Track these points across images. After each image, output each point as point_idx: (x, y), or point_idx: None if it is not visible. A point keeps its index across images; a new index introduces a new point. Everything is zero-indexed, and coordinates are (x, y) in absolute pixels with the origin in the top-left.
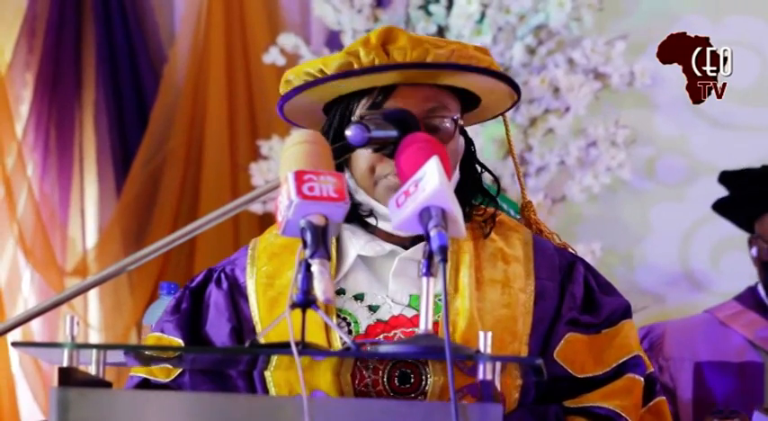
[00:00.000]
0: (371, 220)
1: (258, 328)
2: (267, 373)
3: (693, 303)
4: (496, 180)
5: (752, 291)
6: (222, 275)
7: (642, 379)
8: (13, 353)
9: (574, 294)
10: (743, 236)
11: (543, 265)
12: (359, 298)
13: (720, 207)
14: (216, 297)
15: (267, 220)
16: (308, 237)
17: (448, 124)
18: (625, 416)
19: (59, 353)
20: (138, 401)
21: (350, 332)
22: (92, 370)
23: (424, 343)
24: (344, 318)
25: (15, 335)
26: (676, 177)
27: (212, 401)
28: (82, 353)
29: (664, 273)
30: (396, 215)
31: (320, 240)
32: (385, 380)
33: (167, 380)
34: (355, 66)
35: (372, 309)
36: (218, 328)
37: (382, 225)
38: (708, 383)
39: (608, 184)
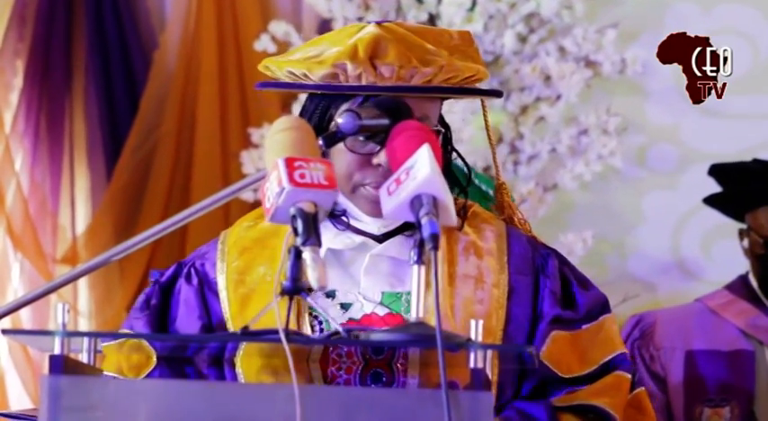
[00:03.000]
0: (345, 220)
1: (229, 325)
2: (237, 360)
3: (685, 292)
4: (469, 169)
5: (743, 279)
6: (192, 270)
7: (629, 375)
8: (2, 342)
9: (553, 291)
10: (734, 225)
11: (517, 259)
12: (330, 295)
13: (711, 201)
14: (186, 293)
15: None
16: (299, 224)
17: None
18: (615, 414)
19: (50, 341)
20: (130, 389)
21: (321, 330)
22: (83, 357)
23: (415, 331)
24: (316, 317)
25: (5, 324)
26: (668, 165)
27: (204, 389)
28: (73, 341)
29: (655, 261)
30: (387, 203)
31: (312, 227)
32: (357, 378)
33: (137, 378)
34: (340, 78)
35: (344, 306)
36: (187, 325)
37: (354, 223)
38: (699, 372)
39: (599, 172)
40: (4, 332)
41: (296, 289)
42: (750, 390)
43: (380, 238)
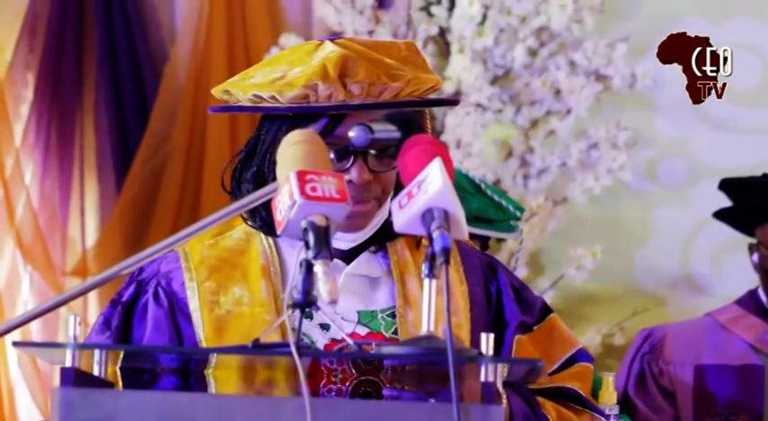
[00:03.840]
0: None
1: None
2: (207, 372)
3: (694, 306)
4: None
5: (752, 294)
6: (159, 290)
7: (591, 366)
8: (12, 355)
9: (512, 298)
10: (744, 239)
11: (470, 271)
12: (308, 316)
13: (721, 216)
14: (155, 314)
15: None
16: (311, 237)
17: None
18: (585, 395)
19: (61, 354)
20: (141, 401)
21: (308, 347)
22: (94, 370)
23: (426, 344)
24: (301, 339)
25: (15, 337)
26: (678, 180)
27: (215, 401)
28: (83, 354)
29: (665, 275)
30: (398, 216)
31: (323, 241)
32: (348, 391)
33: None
34: (311, 98)
35: (324, 327)
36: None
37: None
38: (708, 386)
39: (609, 187)
40: (15, 344)
41: (307, 302)
42: (759, 405)
43: (347, 255)
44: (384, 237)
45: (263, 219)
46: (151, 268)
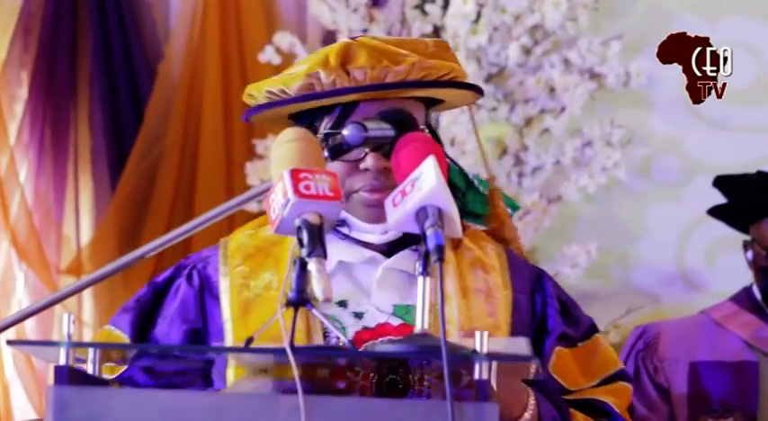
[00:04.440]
0: (345, 230)
1: (228, 327)
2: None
3: (689, 304)
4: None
5: (747, 291)
6: (194, 272)
7: (631, 386)
8: (7, 353)
9: (556, 309)
10: (738, 236)
11: (517, 277)
12: (342, 304)
13: (716, 213)
14: (185, 293)
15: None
16: (305, 235)
17: None
18: (619, 412)
19: (55, 352)
20: (136, 400)
21: (337, 338)
22: (88, 368)
23: (420, 342)
24: (332, 323)
25: (9, 335)
26: (672, 177)
27: (210, 400)
28: (78, 352)
29: (659, 273)
30: (392, 214)
31: (317, 239)
32: (374, 383)
33: (111, 376)
34: (316, 88)
35: (357, 315)
36: (171, 324)
37: (356, 234)
38: (703, 383)
39: (604, 184)
40: (9, 343)
41: (301, 300)
42: (754, 402)
43: (387, 252)
44: None
45: None
46: (195, 256)
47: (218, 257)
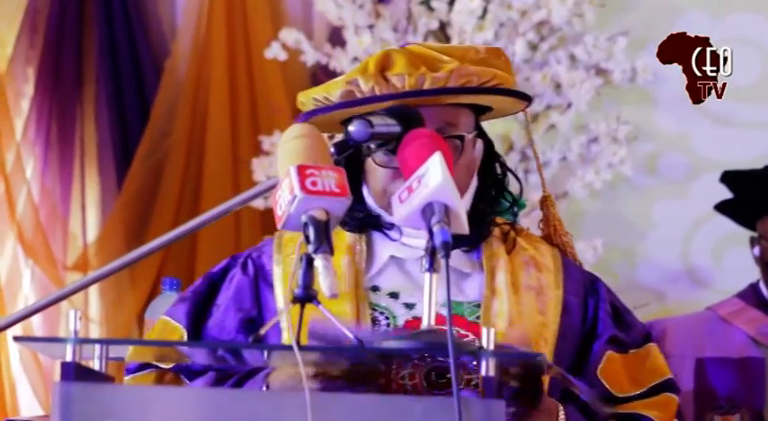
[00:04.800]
0: (395, 234)
1: (282, 317)
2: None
3: (695, 300)
4: (519, 182)
5: (753, 287)
6: (249, 261)
7: (677, 398)
8: (13, 349)
9: (608, 313)
10: (745, 233)
11: (570, 280)
12: (394, 295)
13: (722, 208)
14: (240, 281)
15: (268, 216)
16: (311, 232)
17: (454, 143)
18: None
19: (61, 348)
20: (142, 396)
21: (387, 326)
22: (95, 365)
23: (427, 338)
24: (382, 313)
25: (16, 331)
26: (678, 174)
27: (216, 397)
28: (84, 348)
29: (665, 269)
30: (399, 210)
31: (323, 235)
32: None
33: (169, 365)
34: (357, 94)
35: (408, 306)
36: (226, 312)
37: (406, 240)
38: (709, 379)
39: (610, 181)
40: (16, 339)
41: (308, 297)
42: (760, 398)
43: None
44: (478, 236)
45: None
46: (251, 248)
47: (272, 246)
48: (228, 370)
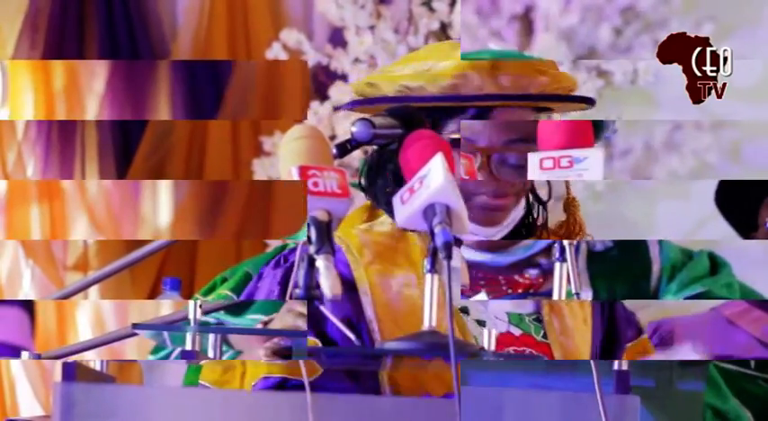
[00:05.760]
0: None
1: (373, 327)
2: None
3: (697, 301)
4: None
5: None
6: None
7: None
8: None
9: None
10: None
11: None
12: (464, 311)
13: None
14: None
15: None
16: (313, 232)
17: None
18: None
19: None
20: (143, 396)
21: None
22: (95, 365)
23: (428, 339)
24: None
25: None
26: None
27: (218, 396)
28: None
29: None
30: (400, 211)
31: (325, 236)
32: None
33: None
34: (461, 88)
35: (480, 323)
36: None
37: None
38: None
39: (611, 182)
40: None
41: (309, 297)
42: None
43: None
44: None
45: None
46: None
47: (342, 254)
48: None
